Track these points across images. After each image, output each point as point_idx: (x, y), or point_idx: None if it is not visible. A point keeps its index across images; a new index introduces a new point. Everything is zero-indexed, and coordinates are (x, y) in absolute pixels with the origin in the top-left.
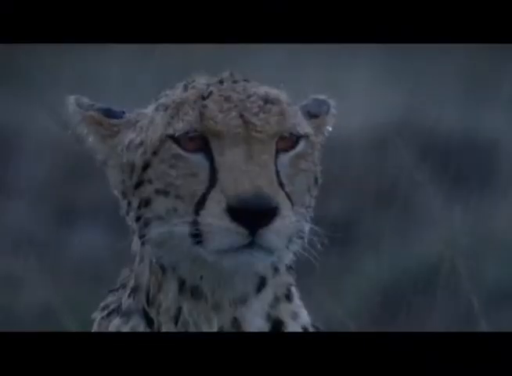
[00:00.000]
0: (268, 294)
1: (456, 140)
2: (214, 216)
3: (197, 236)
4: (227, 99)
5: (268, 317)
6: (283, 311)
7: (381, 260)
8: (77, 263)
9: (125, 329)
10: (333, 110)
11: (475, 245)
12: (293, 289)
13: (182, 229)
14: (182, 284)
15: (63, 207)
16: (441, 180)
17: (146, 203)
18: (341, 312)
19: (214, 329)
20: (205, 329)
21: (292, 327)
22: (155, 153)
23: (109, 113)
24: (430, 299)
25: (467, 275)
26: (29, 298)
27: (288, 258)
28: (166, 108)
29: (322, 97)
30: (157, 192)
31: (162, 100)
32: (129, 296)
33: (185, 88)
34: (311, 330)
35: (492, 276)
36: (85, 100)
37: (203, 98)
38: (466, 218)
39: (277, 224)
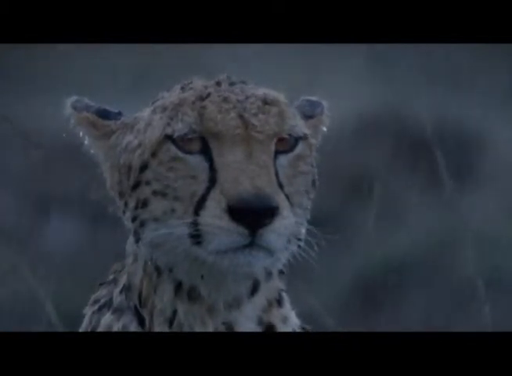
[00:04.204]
0: (260, 298)
1: (448, 136)
2: (214, 216)
3: (197, 237)
4: (225, 99)
5: (260, 322)
6: (275, 316)
7: (361, 255)
8: (55, 255)
9: (117, 326)
10: (327, 111)
11: (457, 240)
12: (284, 294)
13: (181, 230)
14: (178, 286)
15: (41, 198)
16: (422, 173)
17: (143, 204)
18: (319, 306)
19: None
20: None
21: (282, 331)
22: (153, 154)
23: (103, 114)
24: (409, 294)
25: (449, 269)
26: (7, 290)
27: (284, 260)
28: (164, 109)
29: (314, 98)
30: (155, 193)
31: (159, 103)
32: (121, 293)
33: (183, 89)
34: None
35: (472, 267)
36: (85, 101)
37: (202, 99)
38: (447, 213)
39: (277, 224)
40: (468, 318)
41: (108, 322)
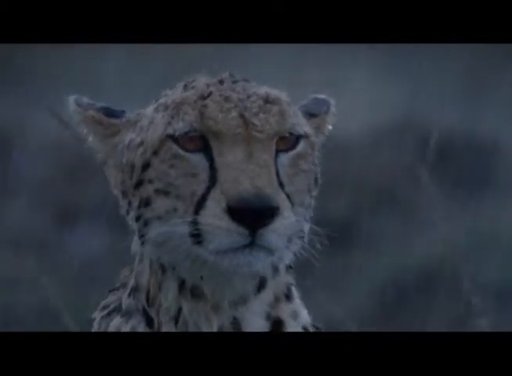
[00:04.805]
0: (268, 294)
1: (456, 140)
2: (214, 216)
3: (197, 236)
4: (227, 99)
5: (268, 317)
6: (283, 310)
7: (381, 260)
8: (76, 263)
9: (125, 328)
10: (333, 109)
11: (475, 245)
12: (293, 289)
13: (182, 229)
14: (182, 284)
15: (63, 207)
16: (441, 180)
17: (146, 203)
18: (341, 312)
19: (214, 329)
20: (205, 329)
21: (292, 326)
22: (155, 153)
23: (109, 112)
24: (430, 299)
25: (467, 275)
26: (28, 298)
27: (288, 258)
28: (166, 108)
29: (322, 96)
30: (157, 192)
31: (162, 100)
32: (129, 295)
33: (185, 88)
34: (311, 329)
35: (492, 276)
36: (85, 100)
37: (204, 98)
38: (466, 219)
39: (277, 224)
40: (490, 324)
41: (117, 325)
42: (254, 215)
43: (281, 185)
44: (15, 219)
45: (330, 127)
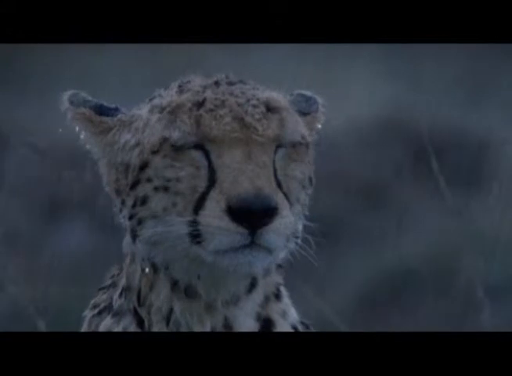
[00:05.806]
0: (258, 294)
1: (455, 140)
2: (214, 216)
3: (197, 236)
4: (222, 103)
5: (259, 317)
6: (273, 310)
7: (370, 258)
8: (63, 261)
9: (117, 329)
10: (322, 108)
11: (471, 245)
12: (282, 288)
13: (181, 228)
14: (174, 284)
15: (49, 205)
16: (434, 178)
17: (142, 201)
18: (329, 310)
19: (207, 329)
20: (197, 329)
21: (281, 325)
22: (153, 152)
23: (100, 109)
24: (419, 298)
25: (458, 272)
26: (13, 297)
27: (281, 256)
28: (162, 110)
29: (308, 93)
30: (156, 189)
31: (156, 101)
32: (120, 296)
33: (180, 89)
34: (299, 327)
35: (490, 275)
36: (82, 96)
37: (199, 104)
38: (464, 218)
39: (277, 224)
40: (475, 323)
41: (108, 326)
42: (253, 215)
43: (278, 184)
44: (5, 218)
45: (320, 125)
